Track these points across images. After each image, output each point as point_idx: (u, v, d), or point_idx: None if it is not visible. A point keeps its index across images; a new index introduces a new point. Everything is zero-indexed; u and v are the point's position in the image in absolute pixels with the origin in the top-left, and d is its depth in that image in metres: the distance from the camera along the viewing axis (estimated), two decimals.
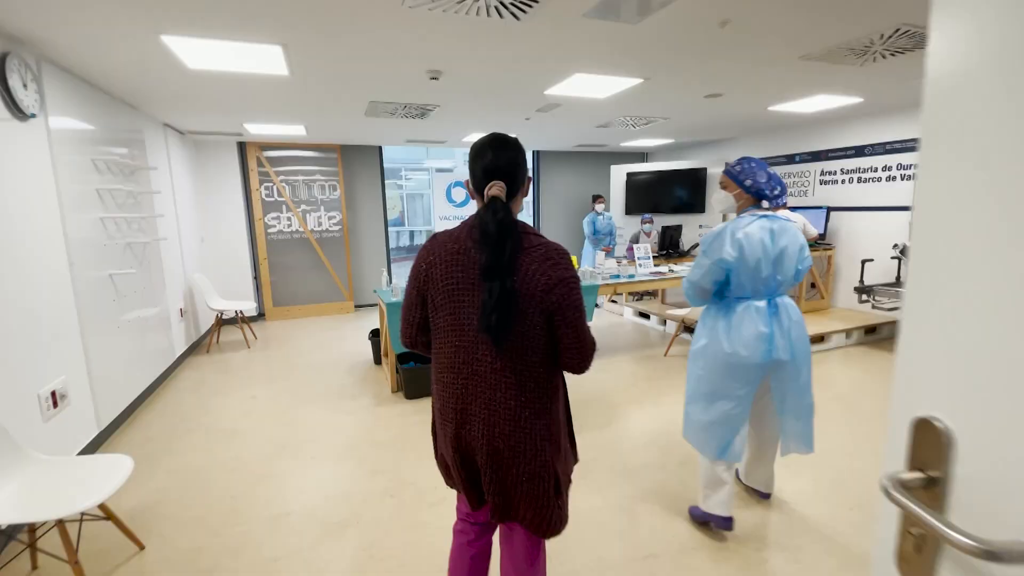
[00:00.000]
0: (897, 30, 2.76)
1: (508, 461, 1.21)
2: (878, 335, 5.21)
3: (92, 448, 3.02)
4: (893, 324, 5.26)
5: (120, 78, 3.35)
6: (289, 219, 6.62)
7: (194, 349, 5.28)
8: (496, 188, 1.20)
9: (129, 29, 2.51)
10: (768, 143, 6.69)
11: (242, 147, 6.34)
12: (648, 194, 7.78)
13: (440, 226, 7.50)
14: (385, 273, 4.24)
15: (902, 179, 5.18)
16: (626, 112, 4.98)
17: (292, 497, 2.52)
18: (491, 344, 1.18)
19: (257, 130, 5.40)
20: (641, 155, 8.85)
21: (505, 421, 1.19)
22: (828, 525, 2.22)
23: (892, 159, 5.25)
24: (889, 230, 5.31)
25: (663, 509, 2.36)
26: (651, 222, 6.69)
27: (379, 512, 2.38)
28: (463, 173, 7.65)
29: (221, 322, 5.55)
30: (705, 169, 7.42)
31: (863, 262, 5.10)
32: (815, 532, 2.18)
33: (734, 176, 2.11)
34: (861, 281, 5.01)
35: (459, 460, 1.26)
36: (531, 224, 1.38)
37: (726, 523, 2.13)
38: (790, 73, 3.61)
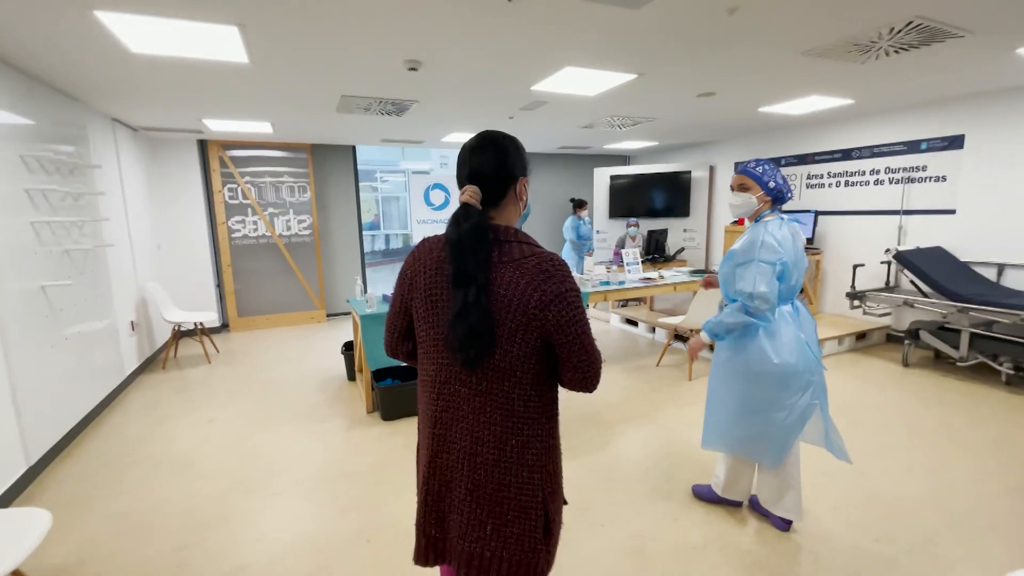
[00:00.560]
0: (910, 23, 2.60)
1: (492, 496, 1.06)
2: (867, 341, 5.12)
3: (18, 489, 2.60)
4: (883, 330, 5.18)
5: (52, 63, 2.95)
6: (255, 223, 6.19)
7: (148, 366, 4.82)
8: (466, 195, 1.08)
9: (56, 2, 2.14)
10: (753, 146, 6.59)
11: (203, 145, 5.89)
12: (632, 198, 7.62)
13: (418, 230, 7.17)
14: (359, 282, 3.91)
15: (890, 183, 5.11)
16: (614, 112, 4.77)
17: (250, 546, 2.18)
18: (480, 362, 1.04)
19: (218, 127, 4.99)
20: (623, 158, 8.71)
21: (490, 449, 1.06)
22: (858, 560, 2.01)
23: (880, 162, 5.18)
24: (877, 235, 5.23)
25: (677, 548, 2.11)
26: (636, 225, 6.51)
27: (353, 562, 2.06)
28: (441, 175, 7.35)
29: (179, 335, 5.11)
30: (689, 172, 7.30)
31: (855, 267, 5.00)
32: (846, 571, 1.96)
33: (757, 177, 2.02)
34: (853, 286, 4.91)
35: (426, 494, 1.12)
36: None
37: (739, 505, 2.32)
38: (790, 70, 3.44)
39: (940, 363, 4.46)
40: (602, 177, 7.75)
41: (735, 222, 6.66)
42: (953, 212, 4.65)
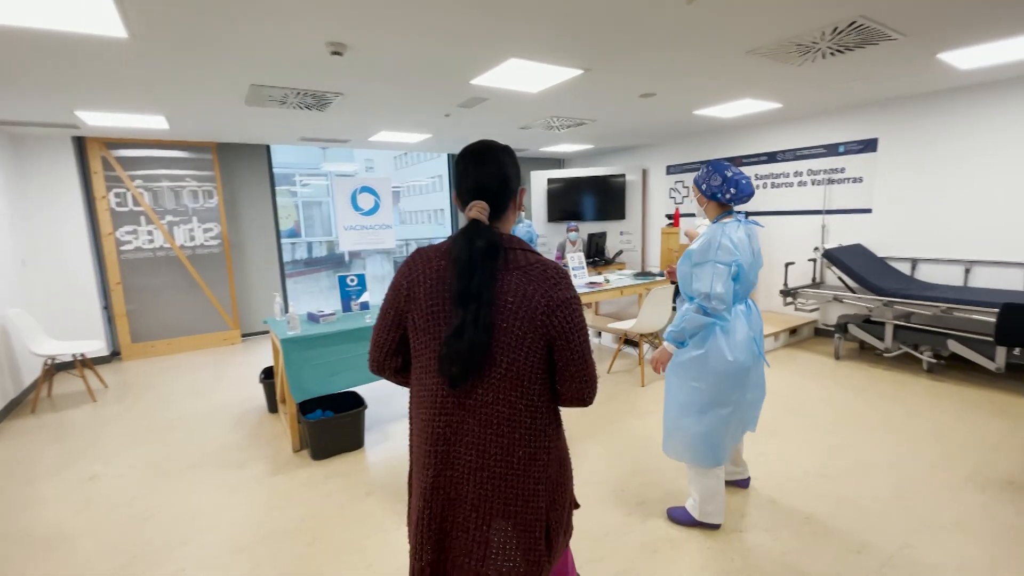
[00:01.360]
0: (853, 23, 2.60)
1: (497, 511, 1.04)
2: (799, 336, 5.33)
3: None
4: (811, 324, 5.41)
5: None
6: (150, 233, 5.37)
7: (12, 410, 3.96)
8: (475, 210, 1.09)
9: None
10: (684, 149, 6.73)
11: (80, 144, 5.02)
12: (569, 201, 7.54)
13: (345, 238, 6.62)
14: (279, 299, 3.40)
15: (813, 184, 5.36)
16: (554, 112, 4.59)
17: None
18: (480, 374, 1.03)
19: (98, 121, 4.23)
20: (558, 161, 8.64)
21: (497, 463, 1.04)
22: None
23: (803, 165, 5.42)
24: (802, 234, 5.47)
25: None
26: (576, 230, 6.39)
27: None
28: (368, 178, 6.83)
29: (53, 370, 4.26)
30: (624, 176, 7.34)
31: (787, 265, 5.18)
32: None
33: (696, 181, 2.15)
34: (786, 284, 5.07)
35: (427, 515, 1.06)
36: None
37: (717, 527, 2.21)
38: (731, 71, 3.41)
39: (866, 354, 4.70)
40: (539, 180, 7.61)
41: (670, 224, 6.76)
42: (869, 211, 4.93)
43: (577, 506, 1.25)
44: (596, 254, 6.45)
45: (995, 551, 2.03)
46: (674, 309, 4.85)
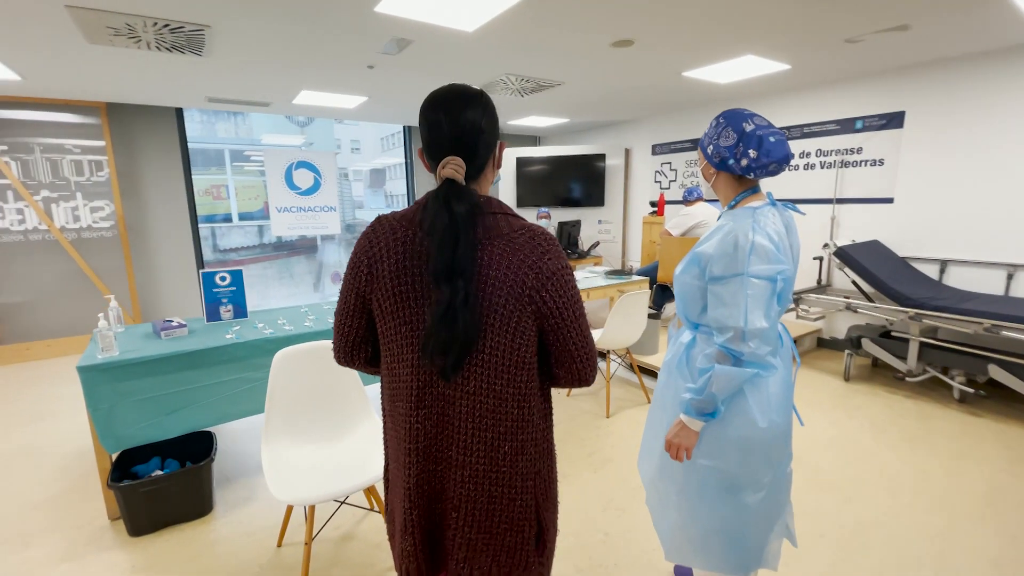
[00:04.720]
0: None
1: (482, 510, 0.91)
2: (800, 347, 4.53)
3: None
4: (814, 334, 4.61)
5: None
6: (21, 212, 4.41)
7: None
8: (450, 168, 0.88)
9: None
10: (672, 125, 5.84)
11: None
12: (541, 184, 6.65)
13: (278, 221, 5.69)
14: (113, 303, 2.47)
15: (822, 167, 4.51)
16: (510, 69, 3.68)
17: None
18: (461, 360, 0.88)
19: None
20: (533, 139, 7.72)
21: (479, 460, 0.90)
22: None
23: (811, 144, 4.56)
24: (809, 226, 4.63)
25: None
26: (548, 217, 5.53)
27: None
28: (306, 153, 5.87)
29: None
30: (604, 156, 6.44)
31: None
32: None
33: (700, 145, 1.41)
34: None
35: (416, 517, 0.93)
36: None
37: None
38: (732, 5, 2.52)
39: (880, 374, 3.91)
40: (509, 160, 6.70)
41: (654, 212, 5.89)
42: (891, 201, 4.10)
43: None
44: (568, 246, 5.59)
45: None
46: (653, 317, 4.01)
